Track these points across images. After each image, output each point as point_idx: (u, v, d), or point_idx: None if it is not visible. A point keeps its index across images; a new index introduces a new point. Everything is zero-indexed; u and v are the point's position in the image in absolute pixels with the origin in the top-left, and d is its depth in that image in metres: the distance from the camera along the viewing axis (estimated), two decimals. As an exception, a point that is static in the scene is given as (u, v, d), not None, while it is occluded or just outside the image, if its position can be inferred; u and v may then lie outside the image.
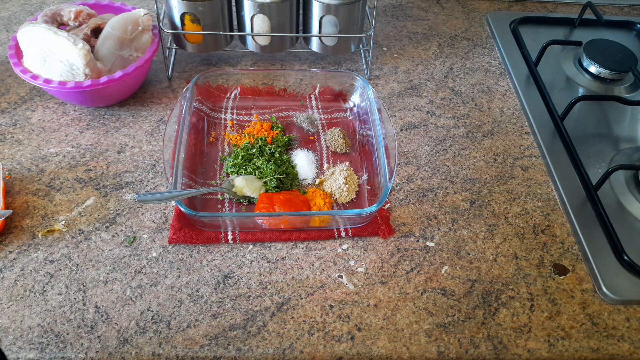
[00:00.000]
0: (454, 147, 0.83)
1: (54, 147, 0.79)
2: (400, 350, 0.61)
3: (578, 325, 0.64)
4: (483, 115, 0.88)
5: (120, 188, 0.74)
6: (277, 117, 0.84)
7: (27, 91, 0.87)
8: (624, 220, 0.74)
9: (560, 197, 0.77)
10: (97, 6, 0.88)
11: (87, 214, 0.71)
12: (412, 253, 0.69)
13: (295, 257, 0.68)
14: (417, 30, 1.05)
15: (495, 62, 0.99)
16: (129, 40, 0.81)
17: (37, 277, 0.65)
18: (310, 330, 0.62)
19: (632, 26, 1.09)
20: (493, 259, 0.70)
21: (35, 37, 0.76)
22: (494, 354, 0.61)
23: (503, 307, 0.65)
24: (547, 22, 1.08)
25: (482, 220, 0.74)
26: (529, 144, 0.84)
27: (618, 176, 0.79)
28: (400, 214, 0.74)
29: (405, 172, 0.79)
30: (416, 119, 0.87)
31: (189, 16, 0.84)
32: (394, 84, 0.93)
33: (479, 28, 1.06)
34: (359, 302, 0.64)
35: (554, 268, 0.69)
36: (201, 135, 0.80)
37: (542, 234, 0.73)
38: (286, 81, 0.86)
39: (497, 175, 0.79)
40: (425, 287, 0.66)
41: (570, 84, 0.96)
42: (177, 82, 0.90)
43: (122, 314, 0.62)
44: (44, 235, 0.68)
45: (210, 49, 0.90)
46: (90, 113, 0.84)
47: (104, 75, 0.77)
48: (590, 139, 0.85)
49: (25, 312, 0.61)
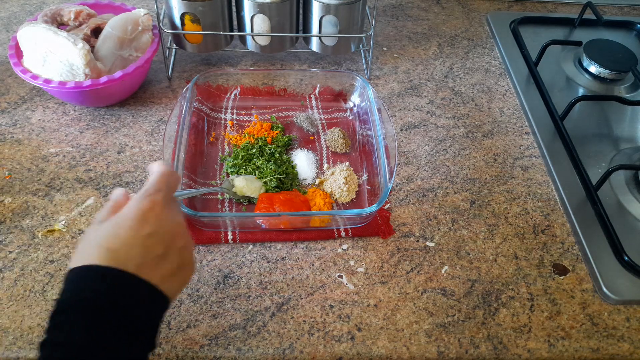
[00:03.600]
0: (454, 147, 0.83)
1: (54, 147, 0.79)
2: (400, 350, 0.61)
3: (578, 325, 0.64)
4: (483, 115, 0.88)
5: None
6: (277, 117, 0.84)
7: (27, 91, 0.87)
8: (624, 220, 0.74)
9: (560, 197, 0.77)
10: (97, 6, 0.88)
11: (87, 214, 0.71)
12: (412, 253, 0.69)
13: (295, 257, 0.68)
14: (417, 30, 1.05)
15: (495, 62, 0.99)
16: (129, 40, 0.81)
17: (37, 277, 0.65)
18: (310, 330, 0.62)
19: (632, 26, 1.09)
20: (493, 259, 0.70)
21: (35, 37, 0.76)
22: (494, 354, 0.61)
23: (503, 307, 0.65)
24: (547, 22, 1.08)
25: (482, 220, 0.74)
26: (529, 144, 0.84)
27: (618, 176, 0.79)
28: (400, 214, 0.74)
29: (405, 172, 0.79)
30: (416, 119, 0.87)
31: (189, 16, 0.84)
32: (394, 84, 0.93)
33: (479, 28, 1.06)
34: (359, 302, 0.64)
35: (554, 268, 0.69)
36: (201, 135, 0.80)
37: (542, 234, 0.73)
38: (286, 81, 0.86)
39: (497, 175, 0.79)
40: (425, 287, 0.66)
41: (570, 84, 0.96)
42: (177, 82, 0.90)
43: (122, 314, 0.62)
44: (44, 235, 0.68)
45: (210, 49, 0.90)
46: (90, 113, 0.84)
47: (104, 75, 0.77)
48: (590, 139, 0.85)
49: (25, 312, 0.61)
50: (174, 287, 0.46)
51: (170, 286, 0.45)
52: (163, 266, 0.45)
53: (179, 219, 0.48)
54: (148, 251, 0.44)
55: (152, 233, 0.45)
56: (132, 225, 0.45)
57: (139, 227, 0.44)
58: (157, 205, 0.46)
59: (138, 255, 0.43)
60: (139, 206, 0.46)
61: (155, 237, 0.45)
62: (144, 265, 0.43)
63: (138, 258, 0.43)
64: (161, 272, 0.44)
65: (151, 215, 0.45)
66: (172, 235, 0.46)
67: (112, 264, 0.42)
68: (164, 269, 0.45)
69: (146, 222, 0.45)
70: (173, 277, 0.46)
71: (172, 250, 0.46)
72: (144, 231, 0.44)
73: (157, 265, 0.44)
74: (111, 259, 0.42)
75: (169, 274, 0.45)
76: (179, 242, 0.46)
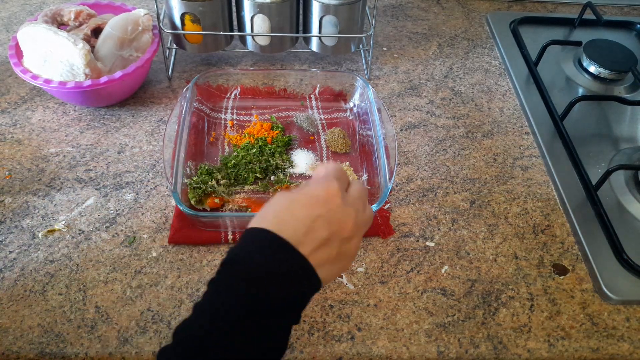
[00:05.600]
0: (454, 147, 0.83)
1: (54, 147, 0.79)
2: (400, 350, 0.61)
3: (578, 325, 0.64)
4: (483, 115, 0.88)
5: (120, 188, 0.74)
6: (277, 117, 0.84)
7: (27, 91, 0.87)
8: (624, 220, 0.74)
9: (560, 197, 0.77)
10: (97, 6, 0.88)
11: (87, 214, 0.71)
12: (412, 253, 0.70)
13: (295, 257, 0.68)
14: (417, 30, 1.05)
15: (495, 62, 0.99)
16: (129, 40, 0.81)
17: (37, 277, 0.65)
18: (310, 330, 0.62)
19: (632, 26, 1.09)
20: (493, 259, 0.70)
21: (35, 37, 0.76)
22: (494, 354, 0.61)
23: (503, 307, 0.65)
24: (547, 22, 1.08)
25: (482, 220, 0.74)
26: (529, 144, 0.84)
27: (618, 176, 0.79)
28: (400, 214, 0.74)
29: (405, 172, 0.79)
30: (416, 119, 0.87)
31: (189, 16, 0.84)
32: (394, 84, 0.93)
33: (479, 28, 1.06)
34: (359, 302, 0.64)
35: (554, 268, 0.69)
36: (201, 135, 0.80)
37: (542, 234, 0.73)
38: (286, 81, 0.86)
39: (497, 175, 0.79)
40: (425, 287, 0.66)
41: (570, 84, 0.96)
42: (177, 82, 0.90)
43: (122, 314, 0.62)
44: (44, 235, 0.68)
45: (210, 49, 0.90)
46: (90, 113, 0.84)
47: (104, 75, 0.77)
48: (590, 139, 0.85)
49: (25, 312, 0.61)
50: (329, 273, 0.47)
51: (325, 270, 0.46)
52: (323, 250, 0.46)
53: (352, 211, 0.49)
54: (313, 232, 0.46)
55: (321, 216, 0.46)
56: (306, 204, 0.47)
57: (311, 208, 0.46)
58: (332, 190, 0.48)
59: (302, 233, 0.45)
60: (317, 188, 0.48)
61: (322, 221, 0.46)
62: (305, 244, 0.45)
63: (301, 235, 0.45)
64: (320, 255, 0.46)
65: (325, 200, 0.47)
66: (340, 224, 0.47)
67: (278, 233, 0.45)
68: (323, 253, 0.46)
69: (318, 205, 0.47)
70: (330, 264, 0.47)
71: (336, 238, 0.47)
72: (314, 213, 0.46)
73: (318, 248, 0.46)
74: (278, 229, 0.45)
75: (326, 258, 0.46)
76: (345, 233, 0.48)
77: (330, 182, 0.48)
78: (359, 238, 0.50)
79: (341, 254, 0.48)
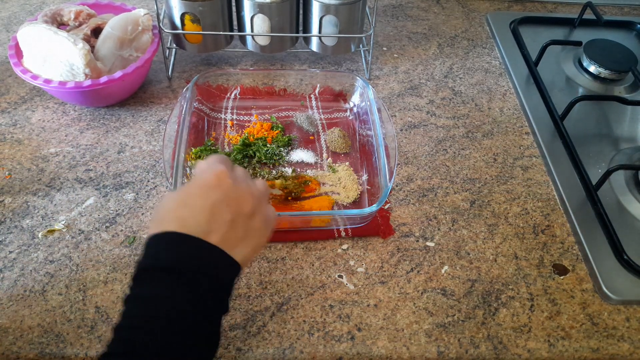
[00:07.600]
0: (454, 147, 0.83)
1: (54, 147, 0.79)
2: (400, 350, 0.61)
3: (578, 325, 0.64)
4: (483, 115, 0.88)
5: (120, 188, 0.74)
6: (277, 117, 0.84)
7: (27, 91, 0.87)
8: (624, 220, 0.74)
9: (560, 197, 0.77)
10: (97, 6, 0.88)
11: (87, 214, 0.71)
12: (412, 253, 0.70)
13: (295, 257, 0.68)
14: (417, 30, 1.05)
15: (495, 62, 0.99)
16: (129, 40, 0.81)
17: (37, 277, 0.65)
18: (310, 330, 0.62)
19: (632, 26, 1.09)
20: (493, 259, 0.70)
21: (35, 37, 0.76)
22: (494, 354, 0.61)
23: (503, 307, 0.65)
24: (547, 22, 1.08)
25: (482, 220, 0.74)
26: (529, 144, 0.84)
27: (618, 176, 0.79)
28: (400, 214, 0.74)
29: (405, 172, 0.79)
30: (416, 119, 0.87)
31: (189, 16, 0.84)
32: (394, 84, 0.93)
33: (479, 28, 1.06)
34: (359, 302, 0.64)
35: (554, 268, 0.69)
36: (201, 135, 0.80)
37: (542, 234, 0.73)
38: (286, 81, 0.86)
39: (497, 175, 0.79)
40: (425, 287, 0.66)
41: (570, 84, 0.96)
42: (177, 82, 0.90)
43: (122, 314, 0.62)
44: (44, 235, 0.68)
45: (210, 49, 0.90)
46: (90, 113, 0.84)
47: (104, 75, 0.77)
48: (590, 139, 0.85)
49: (25, 312, 0.61)
50: (244, 252, 0.48)
51: (239, 252, 0.47)
52: (231, 232, 0.47)
53: (245, 187, 0.50)
54: (216, 218, 0.47)
55: (218, 200, 0.47)
56: (200, 194, 0.48)
57: (206, 196, 0.48)
58: (220, 174, 0.49)
59: (205, 222, 0.46)
60: (205, 177, 0.49)
61: (221, 204, 0.47)
62: (212, 232, 0.46)
63: (205, 225, 0.46)
64: (229, 237, 0.47)
65: (216, 184, 0.48)
66: (238, 202, 0.48)
67: (182, 231, 0.45)
68: (231, 235, 0.47)
69: (212, 191, 0.48)
70: (242, 244, 0.48)
71: (239, 217, 0.48)
72: (211, 199, 0.47)
73: (226, 231, 0.47)
74: (181, 226, 0.46)
75: (236, 239, 0.47)
76: (246, 209, 0.49)
77: (215, 166, 0.49)
78: (261, 212, 0.51)
79: (249, 231, 0.49)
